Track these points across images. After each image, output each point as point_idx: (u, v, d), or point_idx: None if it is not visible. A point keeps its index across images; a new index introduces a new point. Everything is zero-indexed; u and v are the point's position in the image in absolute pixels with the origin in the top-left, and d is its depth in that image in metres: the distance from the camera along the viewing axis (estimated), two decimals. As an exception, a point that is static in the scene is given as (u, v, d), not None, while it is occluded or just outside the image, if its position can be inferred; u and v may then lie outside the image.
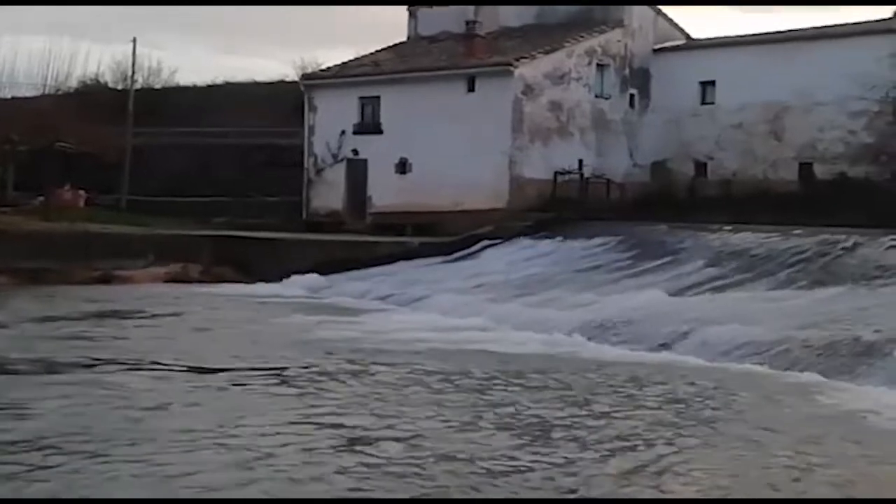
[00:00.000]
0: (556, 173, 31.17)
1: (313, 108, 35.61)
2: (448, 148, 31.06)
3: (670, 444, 9.27)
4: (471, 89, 31.75)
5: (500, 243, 27.94)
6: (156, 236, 27.53)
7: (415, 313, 19.96)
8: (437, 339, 16.05)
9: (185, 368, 12.85)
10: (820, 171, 30.39)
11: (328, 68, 38.34)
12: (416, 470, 8.16)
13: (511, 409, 10.75)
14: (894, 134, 29.14)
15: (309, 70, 42.89)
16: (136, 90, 42.16)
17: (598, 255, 24.98)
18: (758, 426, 10.19)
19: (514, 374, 12.98)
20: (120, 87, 45.50)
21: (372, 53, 37.75)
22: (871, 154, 29.01)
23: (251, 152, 39.22)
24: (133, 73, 43.11)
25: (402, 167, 32.97)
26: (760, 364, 13.83)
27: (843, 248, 20.83)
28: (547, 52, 31.86)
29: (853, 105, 29.17)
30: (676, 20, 35.78)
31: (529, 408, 10.87)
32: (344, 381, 12.31)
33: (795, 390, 12.12)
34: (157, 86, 48.48)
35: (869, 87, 27.83)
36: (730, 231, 24.07)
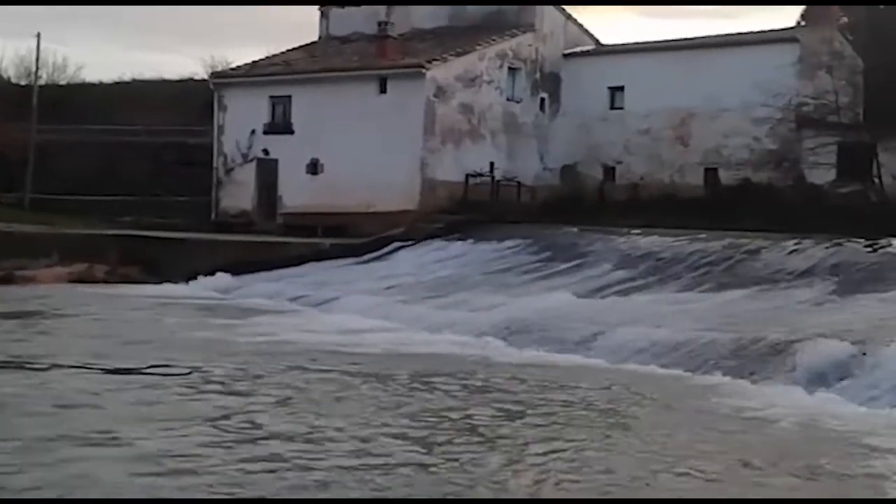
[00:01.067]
0: (467, 175, 31.30)
1: (223, 107, 35.19)
2: (360, 149, 30.97)
3: (572, 445, 9.35)
4: (383, 90, 31.70)
5: (411, 245, 27.95)
6: (60, 235, 26.91)
7: (326, 315, 19.84)
8: (347, 341, 15.98)
9: (84, 369, 12.54)
10: (725, 176, 31.01)
11: (238, 67, 37.93)
12: (316, 469, 8.10)
13: (418, 410, 10.74)
14: (796, 140, 29.88)
15: (219, 68, 42.39)
16: (41, 86, 41.13)
17: (509, 257, 25.16)
18: (661, 427, 10.36)
19: (424, 376, 12.97)
20: (23, 83, 44.38)
21: (283, 53, 37.46)
22: (773, 160, 29.68)
23: (160, 151, 38.60)
24: (37, 68, 42.05)
25: (314, 168, 32.76)
26: (667, 366, 14.04)
27: (747, 252, 21.31)
28: (459, 55, 31.97)
29: (757, 112, 29.83)
30: (586, 26, 36.26)
31: (438, 409, 10.88)
32: (250, 383, 12.16)
33: (701, 391, 12.34)
34: (63, 82, 47.42)
35: (772, 95, 28.46)
36: (638, 234, 24.43)
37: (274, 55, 37.62)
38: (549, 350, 15.47)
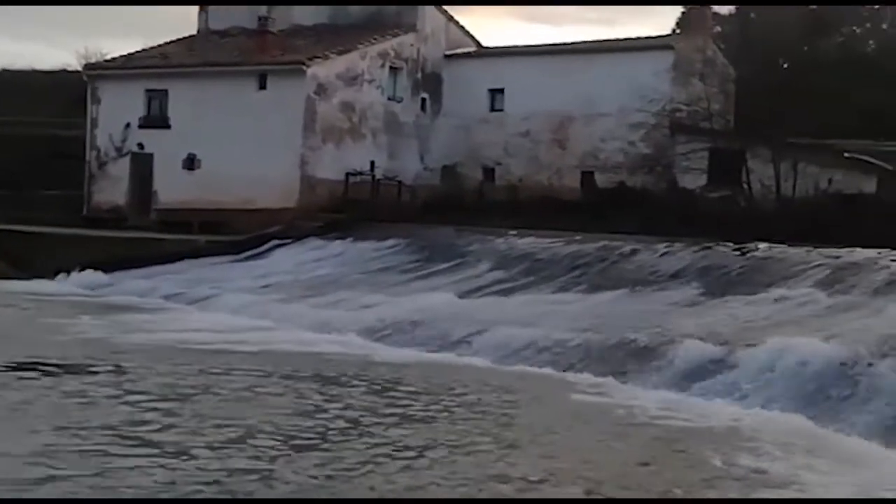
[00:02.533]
0: (347, 174, 31.19)
1: (97, 100, 34.32)
2: (238, 145, 30.56)
3: (445, 444, 9.42)
4: (262, 86, 31.34)
5: (290, 243, 27.71)
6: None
7: (201, 313, 19.54)
8: (222, 340, 15.74)
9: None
10: (601, 179, 31.58)
11: (113, 59, 37.08)
12: (175, 470, 7.99)
13: (293, 411, 10.66)
14: (670, 145, 30.61)
15: (93, 60, 41.28)
16: None
17: (388, 256, 25.14)
18: (533, 426, 10.53)
19: (301, 375, 12.88)
20: None
21: (160, 46, 36.70)
22: (648, 164, 30.34)
23: (31, 143, 37.36)
24: None
25: (191, 163, 32.19)
26: (542, 365, 14.25)
27: (621, 254, 21.72)
28: (340, 53, 31.83)
29: (633, 117, 30.47)
30: (468, 28, 36.51)
31: (313, 409, 10.82)
32: (118, 382, 11.88)
33: (573, 390, 12.53)
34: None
35: (648, 100, 29.10)
36: (515, 235, 24.68)
37: (151, 48, 36.82)
38: (426, 349, 15.54)
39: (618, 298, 18.74)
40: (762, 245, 20.77)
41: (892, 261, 18.27)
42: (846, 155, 30.92)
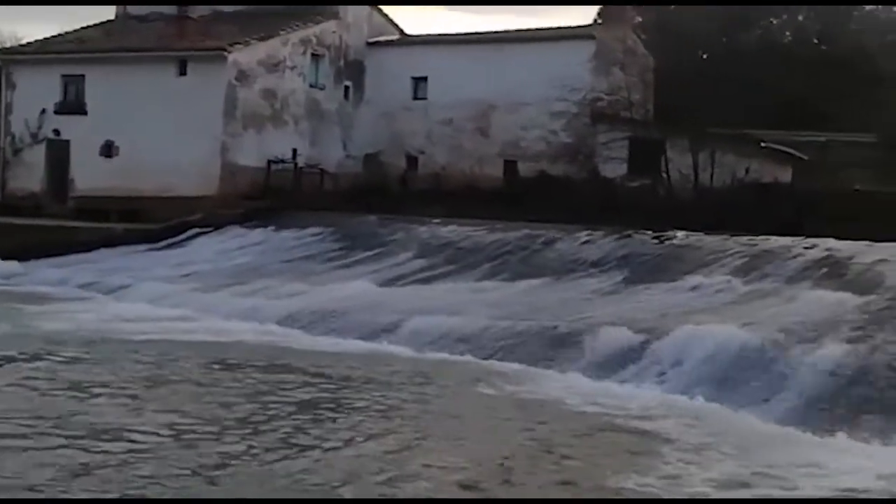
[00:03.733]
0: (269, 161, 30.89)
1: (11, 85, 33.51)
2: (158, 132, 30.05)
3: (366, 433, 9.42)
4: (182, 73, 30.86)
5: (210, 231, 27.37)
6: None
7: (118, 302, 19.20)
8: (139, 329, 15.50)
9: None
10: (523, 168, 31.71)
11: (29, 44, 36.21)
12: (91, 463, 7.88)
13: (209, 401, 10.55)
14: (591, 135, 30.86)
15: (7, 45, 40.33)
16: None
17: (311, 245, 24.98)
18: (455, 413, 10.59)
19: (219, 365, 12.76)
20: None
21: (77, 30, 35.94)
22: (569, 153, 30.57)
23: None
24: None
25: (108, 150, 31.59)
26: (464, 353, 14.30)
27: (542, 243, 21.87)
28: (262, 39, 31.47)
29: (555, 106, 30.64)
30: (391, 15, 36.34)
31: (226, 398, 10.71)
32: (28, 375, 11.63)
33: (495, 378, 12.61)
34: None
35: (569, 90, 29.29)
36: (438, 224, 24.70)
37: (68, 32, 36.04)
38: (349, 338, 15.48)
39: (539, 286, 18.87)
40: (680, 233, 21.10)
41: (806, 249, 18.71)
42: (762, 145, 31.50)
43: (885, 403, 11.02)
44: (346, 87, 34.43)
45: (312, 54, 33.10)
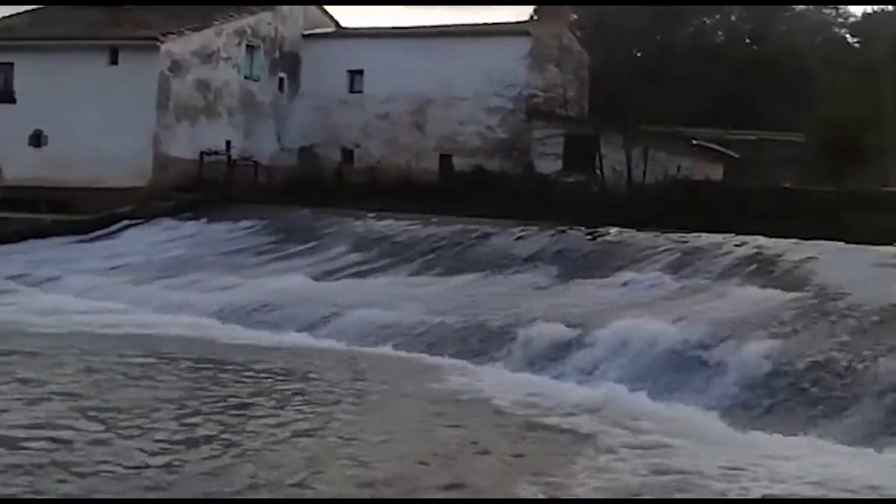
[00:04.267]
0: (202, 153, 30.57)
1: (-62, 73, 32.75)
2: (89, 122, 29.54)
3: (296, 428, 9.38)
4: (114, 62, 30.39)
5: (141, 223, 27.02)
6: None
7: (46, 294, 18.86)
8: (66, 322, 15.27)
9: None
10: (459, 163, 31.77)
11: (-45, 30, 35.39)
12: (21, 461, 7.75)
13: (136, 396, 10.43)
14: (526, 131, 31.00)
15: (-68, 30, 39.31)
16: None
17: (244, 238, 24.78)
18: (387, 408, 10.59)
19: (149, 359, 12.60)
20: None
21: (6, 17, 35.18)
22: (505, 149, 30.69)
23: None
24: None
25: (37, 139, 30.99)
26: (398, 348, 14.30)
27: (477, 238, 21.92)
28: (196, 30, 31.11)
29: (491, 101, 30.73)
30: (326, 7, 36.14)
31: (161, 395, 10.60)
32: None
33: (428, 373, 12.63)
34: None
35: (505, 86, 29.41)
36: (373, 218, 24.63)
37: (-5, 19, 35.31)
38: (282, 332, 15.39)
39: (474, 281, 18.91)
40: (613, 229, 21.28)
41: (736, 246, 18.97)
42: (694, 142, 31.91)
43: (812, 398, 11.22)
44: (281, 80, 34.18)
45: (247, 45, 32.82)
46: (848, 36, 46.85)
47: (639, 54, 35.23)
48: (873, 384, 11.12)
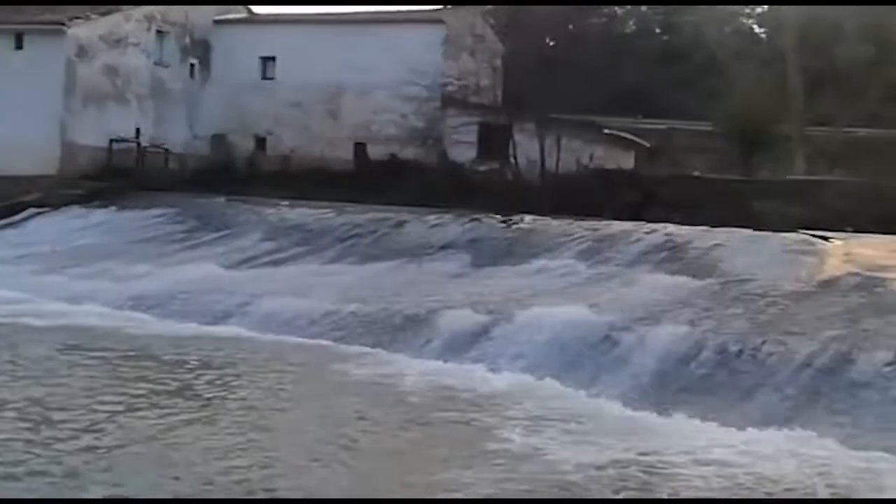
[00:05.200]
0: (111, 141, 29.99)
1: None
2: (-8, 108, 28.80)
3: (194, 420, 9.30)
4: (19, 47, 29.60)
5: (48, 212, 26.40)
6: None
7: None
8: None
9: None
10: (373, 151, 31.67)
11: None
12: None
13: (42, 386, 10.22)
14: (441, 119, 31.01)
15: None
16: None
17: (155, 226, 24.37)
18: (302, 397, 10.53)
19: (55, 349, 12.36)
20: None
21: None
22: (420, 137, 30.66)
23: None
24: None
25: (-61, 126, 30.11)
26: (312, 336, 14.22)
27: (392, 226, 21.91)
28: (103, 14, 30.46)
29: (405, 90, 30.62)
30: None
31: (56, 383, 10.39)
32: None
33: (344, 361, 12.58)
34: None
35: (419, 74, 29.36)
36: (287, 206, 24.47)
37: None
38: (194, 321, 15.19)
39: (389, 269, 18.89)
40: (527, 217, 21.45)
41: (647, 233, 19.28)
42: (606, 131, 32.28)
43: (722, 381, 11.45)
44: (192, 66, 33.67)
45: (157, 31, 32.25)
46: (755, 26, 47.75)
47: (551, 43, 35.42)
48: (781, 366, 11.40)
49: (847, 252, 17.39)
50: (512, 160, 28.16)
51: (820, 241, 18.38)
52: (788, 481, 8.22)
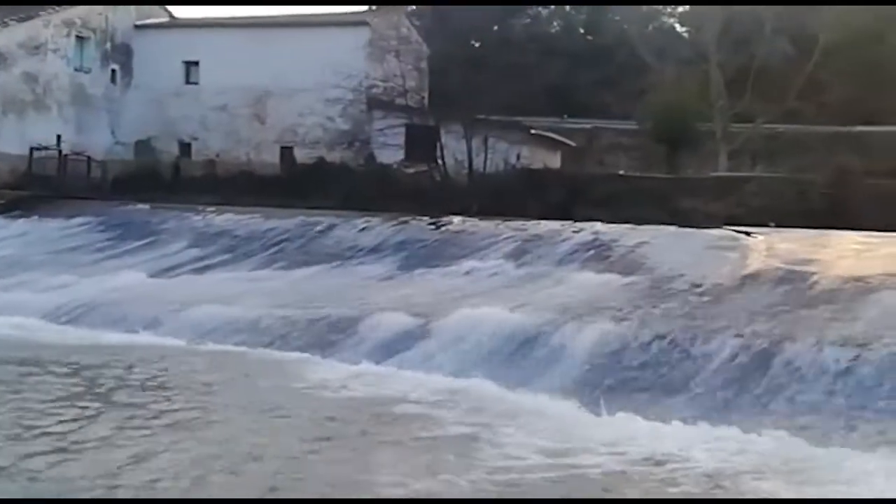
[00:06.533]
0: (31, 149, 29.43)
1: None
2: None
3: (118, 429, 9.13)
4: (-66, 54, 28.99)
5: (-34, 223, 25.81)
6: None
7: None
8: None
9: None
10: (300, 154, 31.50)
11: None
12: None
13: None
14: (367, 121, 30.95)
15: None
16: None
17: (78, 235, 23.97)
18: (233, 404, 10.39)
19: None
20: None
21: None
22: (346, 140, 30.55)
23: None
24: None
25: None
26: (240, 344, 14.06)
27: (320, 230, 21.80)
28: (21, 21, 29.91)
29: (330, 93, 30.50)
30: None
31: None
32: None
33: (274, 367, 12.48)
34: None
35: (344, 77, 29.24)
36: (213, 212, 24.21)
37: None
38: (118, 331, 14.92)
39: (317, 274, 18.80)
40: (456, 219, 21.48)
41: (574, 232, 19.42)
42: (533, 132, 32.46)
43: (651, 376, 11.58)
44: (114, 71, 33.19)
45: (77, 37, 31.76)
46: (677, 25, 48.31)
47: (477, 44, 35.52)
48: (708, 360, 11.55)
49: (769, 246, 17.67)
50: (440, 162, 28.17)
51: (743, 236, 18.67)
52: (716, 473, 8.31)
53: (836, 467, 8.50)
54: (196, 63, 33.05)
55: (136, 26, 33.74)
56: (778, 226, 20.64)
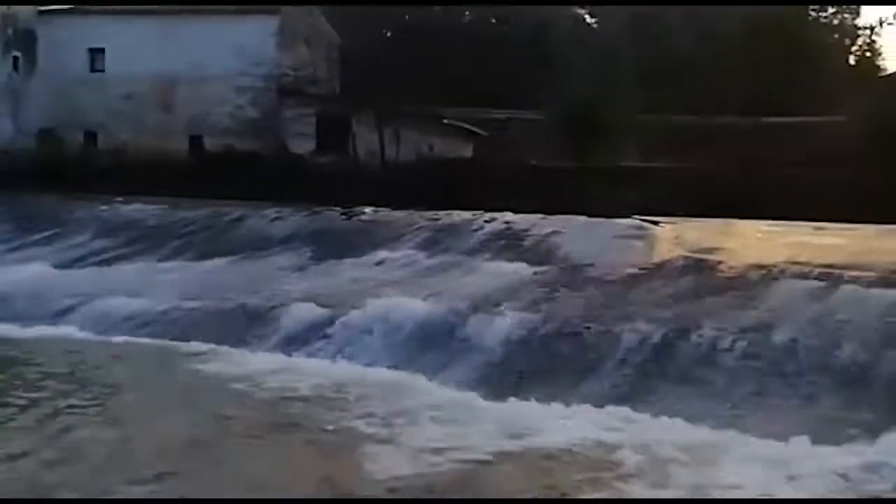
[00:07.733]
0: (-72, 138, 28.58)
1: None
2: None
3: (28, 427, 8.98)
4: None
5: None
6: None
7: None
8: None
9: None
10: (210, 143, 31.10)
11: None
12: None
13: None
14: (278, 110, 30.69)
15: None
16: None
17: (-22, 227, 23.32)
18: (143, 398, 10.26)
19: None
20: None
21: None
22: (256, 128, 30.27)
23: None
24: None
25: None
26: (152, 335, 13.87)
27: (230, 220, 21.56)
28: (-83, 4, 28.98)
29: (240, 80, 30.19)
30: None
31: None
32: None
33: (185, 360, 12.34)
34: None
35: (254, 64, 28.96)
36: (120, 202, 23.78)
37: None
38: (22, 324, 14.57)
39: (228, 264, 18.59)
40: (368, 209, 21.44)
41: (486, 222, 19.54)
42: (445, 121, 32.53)
43: (563, 365, 11.70)
44: (16, 58, 32.30)
45: (-24, 23, 30.84)
46: (588, 16, 48.78)
47: (388, 34, 35.48)
48: (618, 347, 11.72)
49: (677, 236, 18.01)
50: (352, 152, 28.08)
51: (651, 225, 18.97)
52: (624, 460, 8.45)
53: (723, 452, 8.72)
54: (101, 50, 32.38)
55: (40, 12, 32.89)
56: (685, 215, 21.01)
